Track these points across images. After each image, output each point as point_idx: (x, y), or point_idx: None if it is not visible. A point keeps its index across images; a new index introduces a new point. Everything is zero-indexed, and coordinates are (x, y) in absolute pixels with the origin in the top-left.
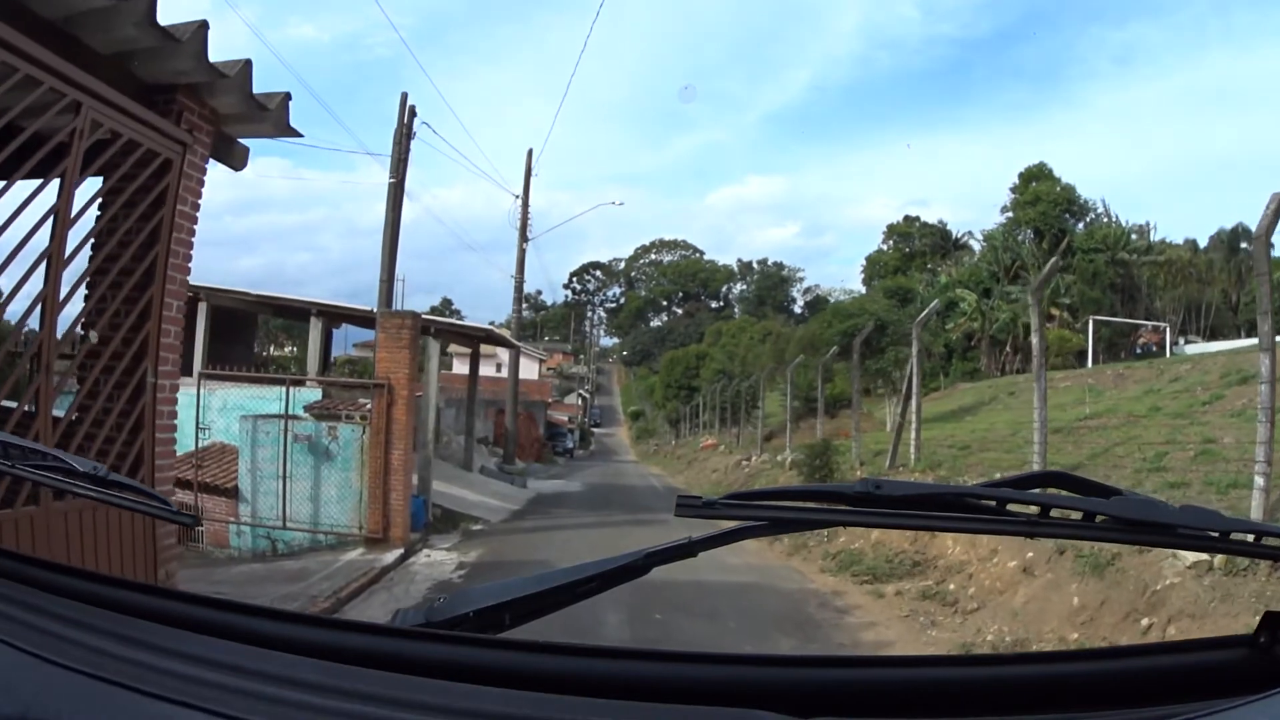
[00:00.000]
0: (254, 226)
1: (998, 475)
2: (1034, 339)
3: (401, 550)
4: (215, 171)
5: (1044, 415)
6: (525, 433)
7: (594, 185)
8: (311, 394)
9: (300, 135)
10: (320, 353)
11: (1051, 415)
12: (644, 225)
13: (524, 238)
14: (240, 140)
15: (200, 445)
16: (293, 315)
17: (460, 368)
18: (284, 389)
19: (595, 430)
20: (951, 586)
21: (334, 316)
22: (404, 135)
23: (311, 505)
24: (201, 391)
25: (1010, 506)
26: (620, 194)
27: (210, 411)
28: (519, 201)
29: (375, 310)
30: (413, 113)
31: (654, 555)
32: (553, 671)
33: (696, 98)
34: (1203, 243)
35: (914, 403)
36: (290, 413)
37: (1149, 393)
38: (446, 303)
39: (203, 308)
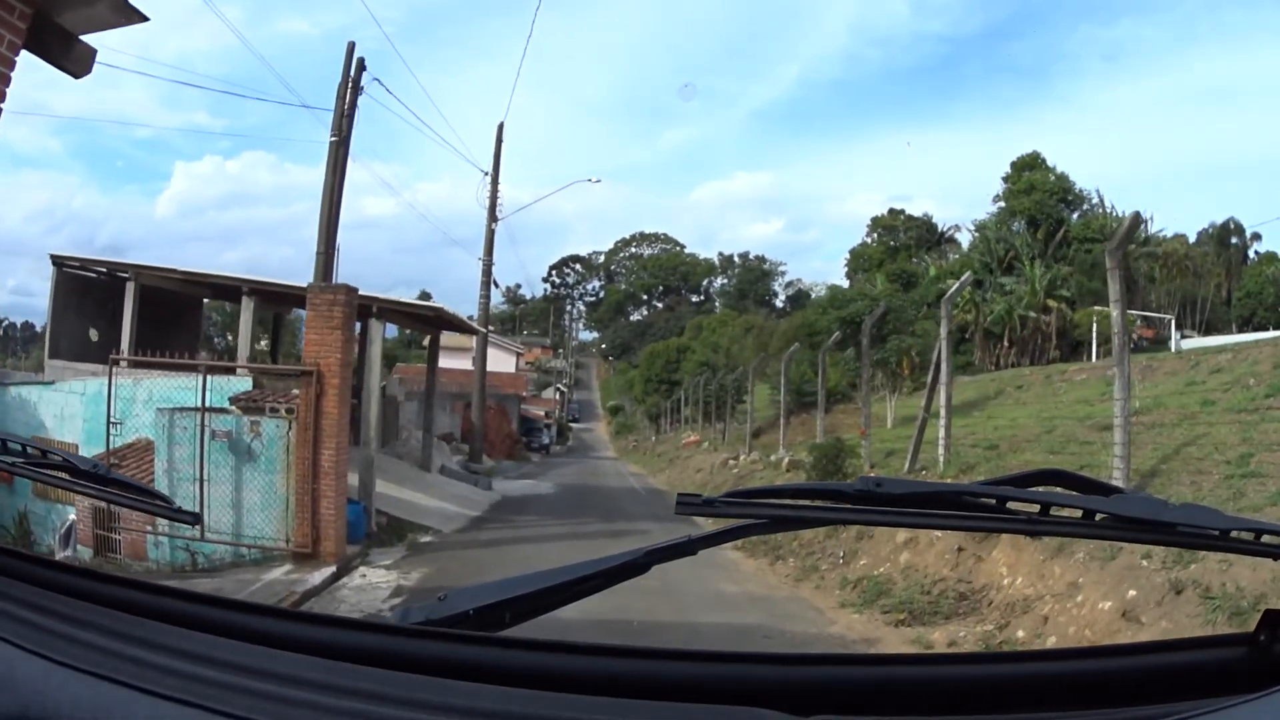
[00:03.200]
0: (238, 220)
1: None
2: (1113, 312)
3: (333, 569)
4: (200, 165)
5: (1126, 408)
6: (496, 428)
7: (582, 179)
8: (242, 383)
9: (145, 18)
10: (266, 338)
11: (1087, 411)
12: (629, 221)
13: (493, 217)
14: (83, 40)
15: (122, 443)
16: (227, 295)
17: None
18: (200, 377)
19: (574, 425)
20: (1020, 634)
21: (269, 295)
22: (349, 89)
23: (233, 513)
24: (114, 381)
25: (1010, 504)
26: (607, 190)
27: (135, 405)
28: (488, 178)
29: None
30: (361, 66)
31: (654, 553)
32: (554, 670)
33: (696, 95)
34: (1191, 238)
35: (943, 393)
36: (212, 405)
37: (1190, 385)
38: (425, 295)
39: (131, 289)
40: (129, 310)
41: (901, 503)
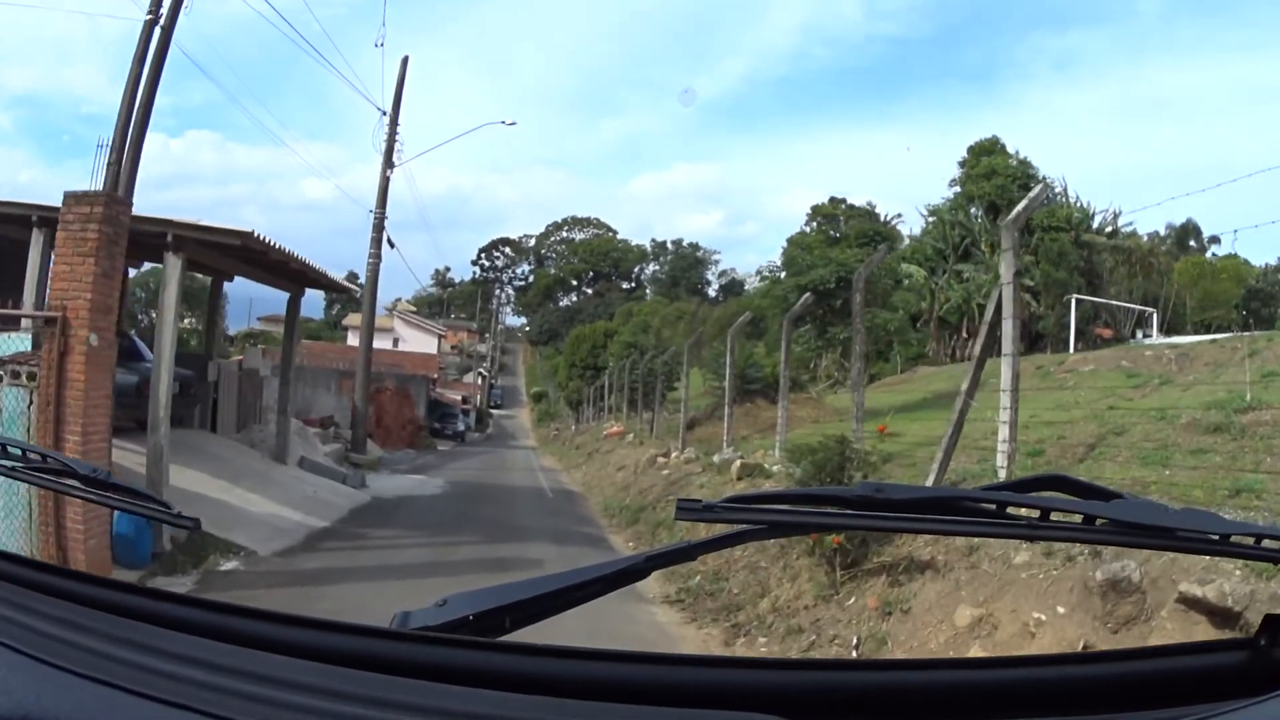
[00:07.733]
0: (176, 200)
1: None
2: None
3: None
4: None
5: None
6: (394, 413)
7: (521, 167)
8: (24, 341)
9: None
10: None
11: (1134, 405)
12: (567, 210)
13: (389, 163)
14: None
15: None
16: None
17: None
18: None
19: (495, 411)
20: None
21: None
22: None
23: None
24: None
25: (1010, 510)
26: (548, 178)
27: None
28: (385, 119)
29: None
30: None
31: (654, 559)
32: (551, 675)
33: (695, 100)
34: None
35: (1007, 369)
36: None
37: (1268, 376)
38: (352, 275)
39: None
40: None
41: (904, 508)
